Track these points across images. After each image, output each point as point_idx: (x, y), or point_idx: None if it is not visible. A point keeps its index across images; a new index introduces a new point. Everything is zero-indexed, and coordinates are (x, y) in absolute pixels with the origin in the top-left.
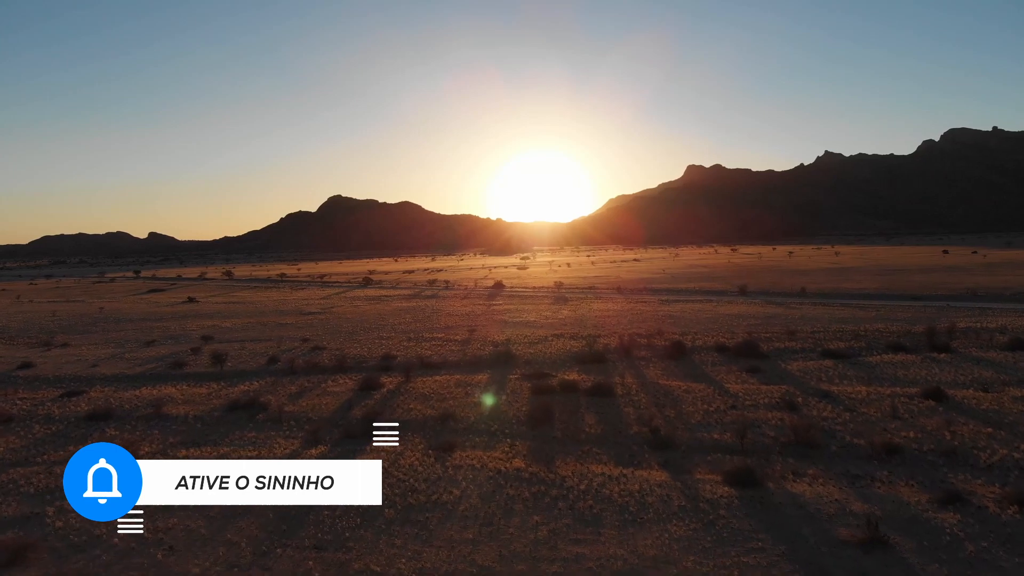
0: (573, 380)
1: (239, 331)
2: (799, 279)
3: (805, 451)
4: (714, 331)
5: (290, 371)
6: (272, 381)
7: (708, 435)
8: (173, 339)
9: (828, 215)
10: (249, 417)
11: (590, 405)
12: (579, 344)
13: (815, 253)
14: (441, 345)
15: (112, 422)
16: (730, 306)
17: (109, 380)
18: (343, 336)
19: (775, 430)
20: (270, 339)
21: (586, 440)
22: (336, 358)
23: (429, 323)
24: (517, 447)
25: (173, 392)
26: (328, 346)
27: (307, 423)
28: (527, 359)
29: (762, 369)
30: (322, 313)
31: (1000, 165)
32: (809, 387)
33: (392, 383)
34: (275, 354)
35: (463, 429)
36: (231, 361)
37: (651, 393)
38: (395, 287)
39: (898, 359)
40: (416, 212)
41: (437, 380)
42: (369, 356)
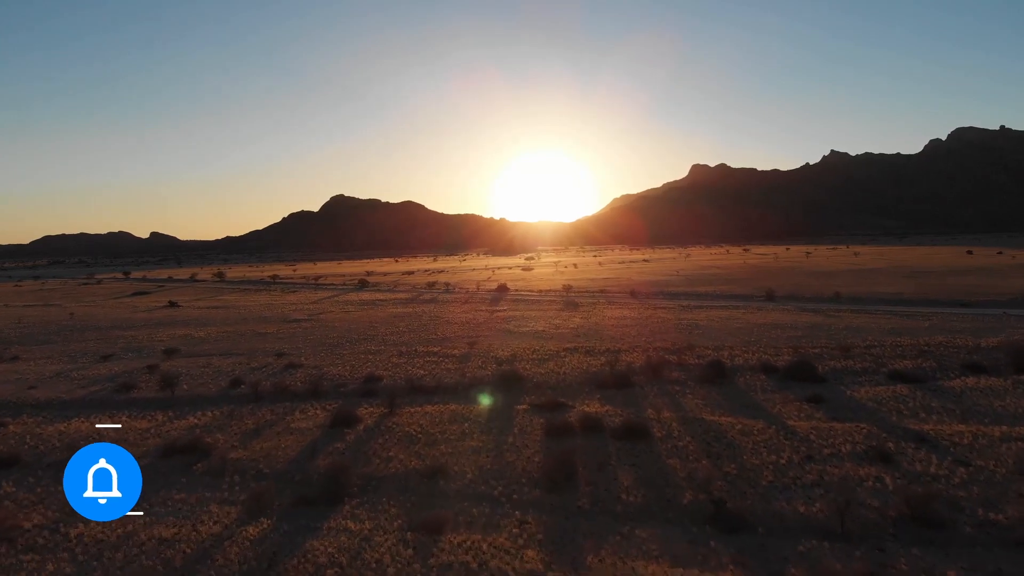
0: (596, 414)
1: (211, 342)
2: (826, 282)
3: (929, 534)
4: (752, 345)
5: (253, 397)
6: (228, 412)
7: (789, 505)
8: (135, 352)
9: (834, 214)
10: (185, 467)
11: (623, 453)
12: (598, 362)
13: (832, 253)
14: (436, 363)
15: (14, 472)
16: (761, 314)
17: (40, 407)
18: (325, 350)
19: (877, 497)
20: (242, 353)
21: (625, 514)
22: (311, 380)
23: (425, 333)
24: (529, 526)
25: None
26: (305, 363)
27: (254, 478)
28: (537, 381)
29: (825, 398)
30: (308, 320)
31: (1008, 164)
32: (894, 426)
33: (372, 416)
34: (241, 374)
35: (456, 492)
36: (187, 383)
37: (698, 434)
38: (392, 290)
39: (984, 384)
40: (419, 212)
41: (428, 412)
42: (350, 377)
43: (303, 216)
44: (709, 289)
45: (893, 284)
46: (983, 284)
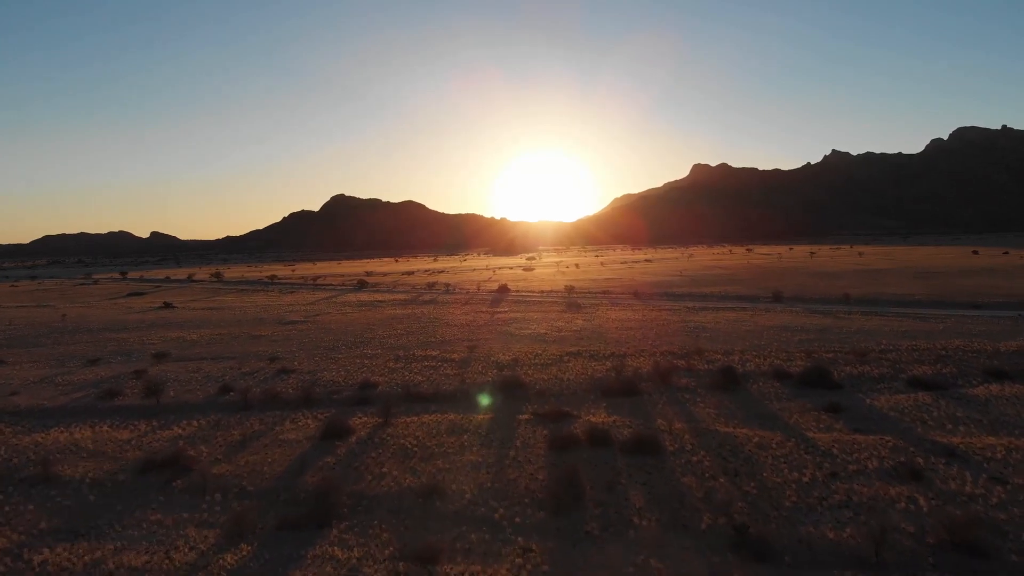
0: (603, 425)
1: (203, 345)
2: (832, 283)
3: (972, 562)
4: (763, 349)
5: (242, 405)
6: (215, 421)
7: (817, 530)
8: (124, 356)
9: (835, 214)
10: (163, 484)
11: (633, 470)
12: (603, 367)
13: (836, 253)
14: (434, 368)
15: None
16: (768, 316)
17: (21, 415)
18: (320, 354)
19: (912, 520)
20: (234, 356)
21: (638, 541)
22: (303, 386)
23: (423, 336)
24: (533, 555)
25: (86, 436)
26: (298, 367)
27: (237, 496)
28: (539, 388)
29: (844, 407)
30: (304, 322)
31: (1009, 164)
32: (921, 438)
33: (365, 427)
34: (231, 380)
35: (454, 515)
36: (174, 389)
37: (712, 448)
38: (391, 290)
39: (1009, 392)
40: (420, 211)
41: (424, 422)
42: (345, 383)
43: (303, 216)
44: (714, 290)
45: (902, 285)
46: (993, 285)
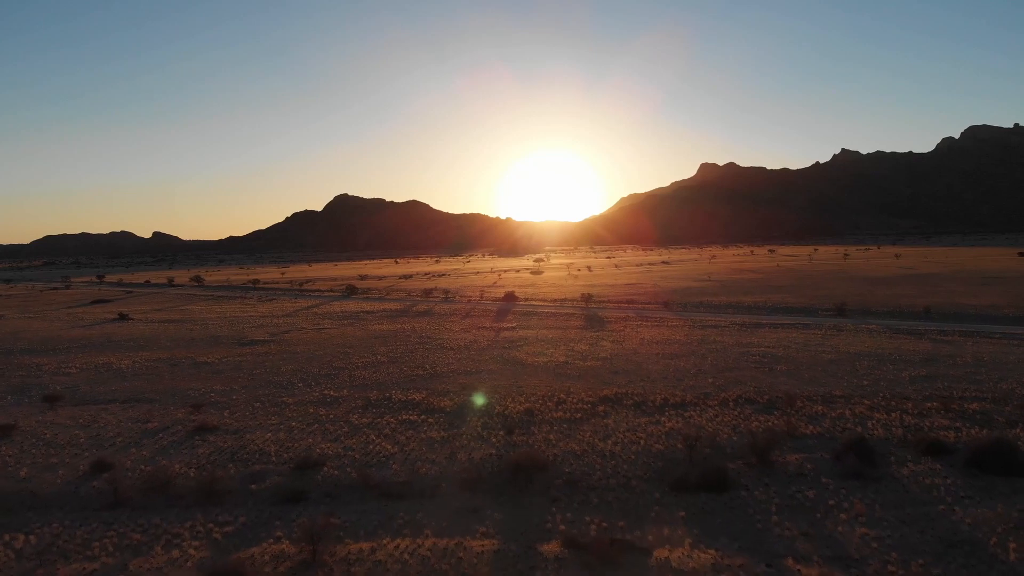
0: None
1: (127, 378)
2: (890, 291)
3: None
4: (873, 394)
5: (110, 501)
6: (47, 541)
7: None
8: (15, 395)
9: (847, 213)
10: None
11: None
12: (658, 427)
13: (869, 255)
14: (414, 427)
15: None
16: (845, 337)
17: None
18: (266, 396)
19: None
20: (154, 398)
21: None
22: (214, 462)
23: (408, 365)
24: None
25: None
26: (226, 423)
27: None
28: (569, 471)
29: None
30: (268, 343)
31: (1023, 161)
32: None
33: (276, 571)
34: (118, 448)
35: None
36: (32, 460)
37: None
38: (383, 298)
39: None
40: (424, 211)
41: (380, 559)
42: (277, 457)
43: (306, 216)
44: (756, 299)
45: (974, 294)
46: None
